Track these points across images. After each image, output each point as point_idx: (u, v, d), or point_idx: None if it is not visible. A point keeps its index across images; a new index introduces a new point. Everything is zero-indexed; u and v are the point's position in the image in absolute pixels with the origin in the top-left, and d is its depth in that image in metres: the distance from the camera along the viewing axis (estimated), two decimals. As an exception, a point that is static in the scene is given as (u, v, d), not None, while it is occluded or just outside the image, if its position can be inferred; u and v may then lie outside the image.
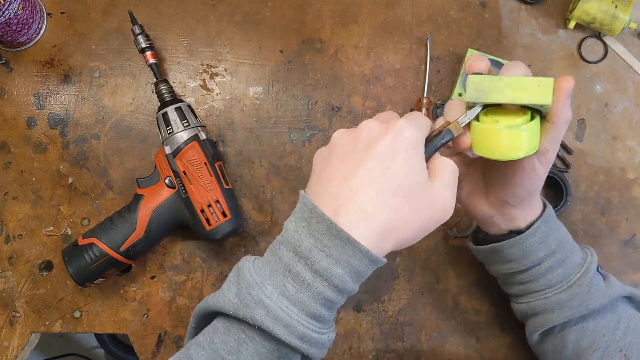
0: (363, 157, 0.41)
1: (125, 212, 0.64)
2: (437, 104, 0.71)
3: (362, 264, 0.40)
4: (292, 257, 0.41)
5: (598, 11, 0.68)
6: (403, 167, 0.41)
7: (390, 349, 0.68)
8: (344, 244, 0.40)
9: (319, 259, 0.40)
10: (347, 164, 0.42)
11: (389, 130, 0.42)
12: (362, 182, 0.41)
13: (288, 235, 0.42)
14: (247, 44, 0.74)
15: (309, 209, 0.41)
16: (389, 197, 0.40)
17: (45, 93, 0.73)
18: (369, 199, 0.40)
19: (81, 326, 0.69)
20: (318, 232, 0.40)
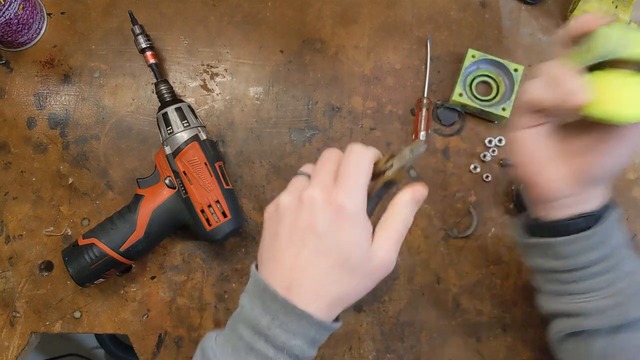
0: (307, 236, 0.43)
1: (125, 212, 0.64)
2: (437, 104, 0.71)
3: (317, 333, 0.44)
4: (251, 334, 0.43)
5: (598, 11, 0.68)
6: (346, 244, 0.43)
7: (390, 349, 0.68)
8: (298, 318, 0.42)
9: (277, 335, 0.42)
10: (294, 242, 0.44)
11: (330, 207, 0.43)
12: (309, 261, 0.43)
13: (245, 313, 0.45)
14: (247, 44, 0.74)
15: (262, 288, 0.44)
16: (335, 273, 0.43)
17: (45, 93, 0.73)
18: (318, 279, 0.43)
19: (81, 326, 0.69)
20: (273, 309, 0.43)
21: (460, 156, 0.71)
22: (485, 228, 0.69)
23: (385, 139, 0.71)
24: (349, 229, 0.43)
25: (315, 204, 0.43)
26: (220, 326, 0.68)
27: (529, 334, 0.68)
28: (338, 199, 0.43)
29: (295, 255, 0.44)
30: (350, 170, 0.44)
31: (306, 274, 0.43)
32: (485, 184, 0.70)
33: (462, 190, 0.70)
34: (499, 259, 0.69)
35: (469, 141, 0.71)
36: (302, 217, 0.44)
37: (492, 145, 0.70)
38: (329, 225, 0.43)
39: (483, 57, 0.69)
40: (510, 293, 0.69)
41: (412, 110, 0.72)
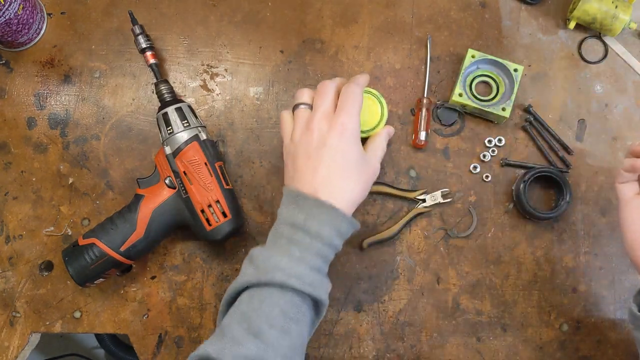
0: (322, 152, 0.55)
1: (125, 212, 0.64)
2: (437, 104, 0.71)
3: (343, 224, 0.54)
4: (290, 230, 0.54)
5: (598, 11, 0.68)
6: (351, 153, 0.56)
7: (390, 349, 0.68)
8: (328, 210, 0.53)
9: (311, 225, 0.53)
10: (311, 159, 0.56)
11: (334, 127, 0.56)
12: (326, 171, 0.55)
13: (283, 216, 0.55)
14: (247, 44, 0.74)
15: (295, 194, 0.55)
16: (347, 177, 0.56)
17: (45, 93, 0.73)
18: (335, 183, 0.55)
19: (81, 326, 0.69)
20: (306, 206, 0.54)
21: (460, 156, 0.71)
22: (485, 228, 0.70)
23: (385, 139, 0.71)
24: (351, 143, 0.56)
25: (323, 128, 0.56)
26: (220, 326, 0.68)
27: (529, 334, 0.68)
28: (340, 121, 0.56)
29: (314, 169, 0.55)
30: (348, 100, 0.57)
31: (326, 180, 0.55)
32: (485, 184, 0.70)
33: (462, 190, 0.70)
34: (499, 259, 0.69)
35: (469, 141, 0.71)
36: (314, 140, 0.56)
37: (492, 145, 0.70)
38: (337, 141, 0.55)
39: (483, 57, 0.69)
40: (510, 293, 0.69)
41: (412, 110, 0.72)
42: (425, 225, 0.70)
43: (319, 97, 0.58)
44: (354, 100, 0.57)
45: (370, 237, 0.68)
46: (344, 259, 0.69)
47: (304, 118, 0.58)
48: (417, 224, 0.70)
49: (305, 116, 0.58)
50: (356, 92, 0.58)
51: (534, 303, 0.69)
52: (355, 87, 0.58)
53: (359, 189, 0.57)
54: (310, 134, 0.56)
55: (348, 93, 0.57)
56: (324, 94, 0.58)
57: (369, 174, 0.58)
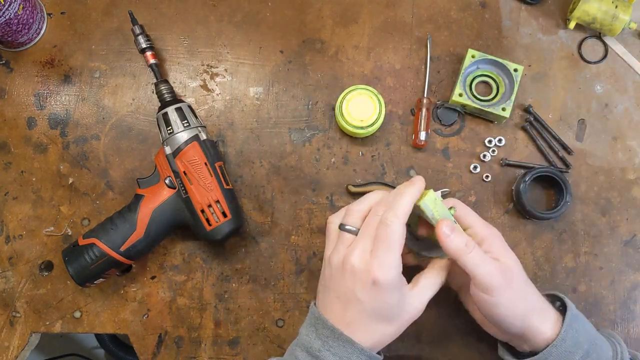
0: (350, 300, 0.52)
1: (125, 212, 0.64)
2: (437, 104, 0.71)
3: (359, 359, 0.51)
4: (305, 356, 0.52)
5: (598, 11, 0.69)
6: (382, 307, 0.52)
7: (391, 349, 0.68)
8: (344, 344, 0.51)
9: (326, 357, 0.51)
10: (341, 300, 0.53)
11: (367, 278, 0.51)
12: (353, 317, 0.52)
13: (301, 338, 0.54)
14: (247, 44, 0.74)
15: (316, 317, 0.54)
16: (375, 326, 0.52)
17: (45, 93, 0.73)
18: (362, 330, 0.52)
19: (81, 326, 0.69)
20: (324, 335, 0.52)
21: (460, 156, 0.71)
22: (485, 228, 0.69)
23: (385, 139, 0.71)
24: (384, 296, 0.51)
25: (355, 273, 0.52)
26: (220, 326, 0.68)
27: (529, 333, 0.68)
28: (374, 272, 0.51)
29: (342, 311, 0.53)
30: (383, 244, 0.51)
31: (350, 324, 0.52)
32: (485, 184, 0.70)
33: (462, 190, 0.70)
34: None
35: (469, 141, 0.71)
36: (345, 282, 0.52)
37: (492, 145, 0.70)
38: (366, 294, 0.51)
39: (483, 57, 0.69)
40: (510, 293, 0.69)
41: (412, 110, 0.72)
42: (425, 225, 0.70)
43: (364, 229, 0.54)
44: (390, 244, 0.51)
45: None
46: (344, 259, 0.69)
47: (344, 244, 0.54)
48: (417, 224, 0.70)
49: (346, 244, 0.54)
50: (394, 231, 0.51)
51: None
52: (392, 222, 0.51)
53: (391, 331, 0.53)
54: (342, 273, 0.53)
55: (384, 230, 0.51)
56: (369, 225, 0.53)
57: (403, 321, 0.54)
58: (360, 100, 0.67)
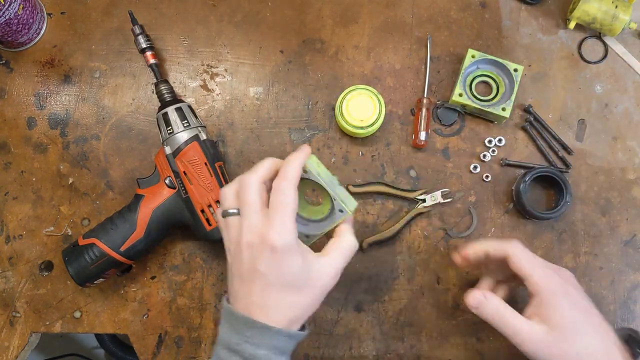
0: (253, 276, 0.50)
1: (125, 212, 0.64)
2: (437, 104, 0.71)
3: (280, 341, 0.50)
4: (226, 353, 0.50)
5: (598, 11, 0.68)
6: (287, 274, 0.50)
7: (390, 349, 0.68)
8: (260, 331, 0.49)
9: (245, 349, 0.49)
10: (244, 281, 0.51)
11: (264, 249, 0.49)
12: (260, 295, 0.50)
13: (220, 336, 0.52)
14: (247, 44, 0.74)
15: (228, 312, 0.52)
16: (285, 298, 0.50)
17: (45, 93, 0.73)
18: (271, 305, 0.50)
19: (81, 326, 0.69)
20: (239, 328, 0.50)
21: (460, 156, 0.71)
22: (485, 228, 0.69)
23: (385, 139, 0.71)
24: (285, 262, 0.49)
25: (252, 247, 0.50)
26: (220, 326, 0.68)
27: (529, 334, 0.68)
28: (269, 238, 0.49)
29: (248, 292, 0.51)
30: (277, 209, 0.50)
31: (260, 301, 0.50)
32: (485, 184, 0.70)
33: (462, 190, 0.70)
34: (499, 259, 0.69)
35: (469, 141, 0.71)
36: (244, 260, 0.51)
37: (492, 145, 0.70)
38: (267, 264, 0.49)
39: (483, 57, 0.69)
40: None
41: (412, 110, 0.72)
42: (425, 225, 0.70)
43: (242, 206, 0.51)
44: (283, 208, 0.50)
45: (370, 237, 0.68)
46: (344, 259, 0.69)
47: (234, 230, 0.52)
48: (417, 224, 0.70)
49: (235, 228, 0.52)
50: (286, 194, 0.50)
51: (534, 303, 0.68)
52: (285, 186, 0.50)
53: (304, 302, 0.51)
54: (239, 253, 0.51)
55: (277, 193, 0.50)
56: (246, 200, 0.51)
57: (314, 289, 0.52)
58: (360, 100, 0.67)
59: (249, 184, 0.51)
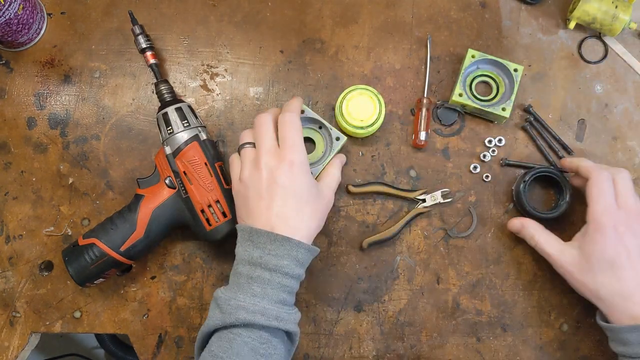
0: (273, 190, 0.56)
1: (125, 212, 0.64)
2: (437, 104, 0.71)
3: (299, 253, 0.55)
4: (248, 268, 0.55)
5: (598, 11, 0.69)
6: (302, 186, 0.57)
7: (390, 349, 0.68)
8: (282, 243, 0.54)
9: (268, 260, 0.54)
10: (264, 198, 0.57)
11: (282, 164, 0.57)
12: (279, 207, 0.56)
13: (240, 255, 0.56)
14: (247, 44, 0.74)
15: (248, 231, 0.56)
16: (300, 209, 0.57)
17: (45, 93, 0.73)
18: (290, 216, 0.56)
19: (81, 326, 0.69)
20: (261, 242, 0.55)
21: (460, 156, 0.71)
22: (485, 228, 0.70)
23: (385, 139, 0.71)
24: (301, 176, 0.57)
25: (270, 166, 0.57)
26: (220, 326, 0.68)
27: (529, 334, 0.68)
28: (287, 156, 0.57)
29: (267, 207, 0.56)
30: (289, 132, 0.58)
31: (280, 216, 0.56)
32: (485, 184, 0.70)
33: (462, 190, 0.70)
34: (499, 259, 0.69)
35: (469, 141, 0.71)
36: (263, 178, 0.57)
37: (492, 145, 0.70)
38: (286, 177, 0.56)
39: (483, 57, 0.69)
40: (510, 293, 0.69)
41: (412, 110, 0.72)
42: (425, 225, 0.70)
43: (258, 135, 0.59)
44: (294, 131, 0.58)
45: (370, 237, 0.68)
46: (344, 259, 0.69)
47: (250, 157, 0.59)
48: (417, 224, 0.70)
49: (252, 155, 0.59)
50: (293, 121, 0.59)
51: (534, 303, 0.69)
52: (290, 116, 0.59)
53: (315, 221, 0.58)
54: (258, 172, 0.57)
55: (285, 123, 0.59)
56: (262, 130, 0.59)
57: (322, 205, 0.60)
58: (360, 100, 0.67)
59: (263, 118, 0.59)
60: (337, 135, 0.67)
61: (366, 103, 0.67)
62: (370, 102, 0.67)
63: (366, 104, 0.67)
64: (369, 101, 0.67)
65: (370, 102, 0.67)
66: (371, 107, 0.67)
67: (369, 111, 0.67)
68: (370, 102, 0.67)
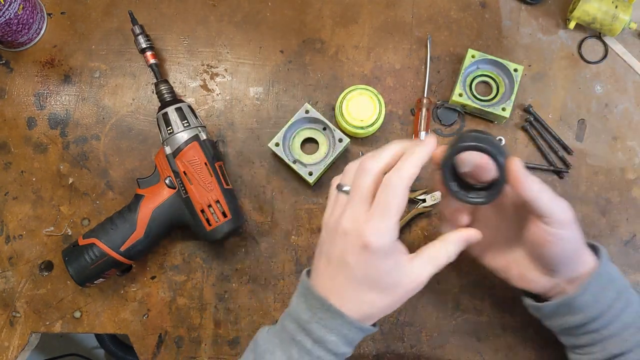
0: (340, 266, 0.49)
1: (125, 212, 0.64)
2: (437, 104, 0.71)
3: (351, 332, 0.49)
4: (294, 327, 0.50)
5: (598, 11, 0.69)
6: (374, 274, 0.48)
7: (390, 349, 0.68)
8: (334, 316, 0.48)
9: (315, 329, 0.48)
10: (331, 267, 0.50)
11: (359, 242, 0.47)
12: (342, 285, 0.49)
13: (291, 309, 0.51)
14: (247, 44, 0.74)
15: (306, 287, 0.50)
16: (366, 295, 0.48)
17: (45, 93, 0.73)
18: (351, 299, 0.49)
19: (81, 326, 0.69)
20: (313, 305, 0.49)
21: (460, 156, 0.71)
22: (485, 228, 0.69)
23: (385, 139, 0.71)
24: (375, 262, 0.47)
25: (346, 236, 0.48)
26: (220, 327, 0.68)
27: (529, 334, 0.68)
28: (366, 236, 0.47)
29: (331, 277, 0.49)
30: (383, 206, 0.47)
31: (341, 290, 0.49)
32: (485, 184, 0.70)
33: (462, 190, 0.70)
34: (499, 259, 0.69)
35: (469, 141, 0.71)
36: (336, 246, 0.49)
37: (492, 145, 0.70)
38: (356, 259, 0.47)
39: (483, 57, 0.69)
40: (510, 293, 0.69)
41: (412, 110, 0.72)
42: (425, 225, 0.70)
43: (353, 189, 0.49)
44: (389, 208, 0.47)
45: (370, 237, 0.68)
46: (344, 259, 0.69)
47: (339, 209, 0.50)
48: (417, 224, 0.70)
49: (340, 207, 0.50)
50: (397, 194, 0.47)
51: (534, 303, 0.68)
52: (397, 185, 0.47)
53: (384, 303, 0.49)
54: (335, 236, 0.49)
55: (385, 193, 0.47)
56: (358, 186, 0.49)
57: (401, 290, 0.49)
58: (360, 100, 0.67)
59: (368, 170, 0.48)
60: (340, 137, 0.66)
61: (366, 103, 0.67)
62: (370, 102, 0.67)
63: (366, 104, 0.67)
64: (369, 101, 0.67)
65: (370, 102, 0.67)
66: (371, 107, 0.67)
67: (369, 111, 0.67)
68: (370, 102, 0.67)
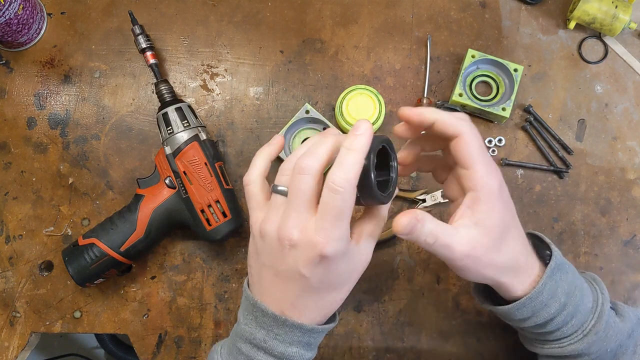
0: (292, 277, 0.44)
1: (125, 212, 0.64)
2: (437, 104, 0.71)
3: (312, 338, 0.47)
4: (249, 348, 0.46)
5: (598, 11, 0.69)
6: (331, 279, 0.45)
7: (390, 349, 0.68)
8: (292, 329, 0.45)
9: (274, 346, 0.45)
10: (281, 279, 0.45)
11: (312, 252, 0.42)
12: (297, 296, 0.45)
13: (241, 328, 0.48)
14: (247, 44, 0.74)
15: (252, 304, 0.47)
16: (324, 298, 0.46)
17: (45, 93, 0.73)
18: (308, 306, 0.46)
19: (81, 326, 0.69)
20: (266, 324, 0.46)
21: (460, 156, 0.71)
22: (485, 228, 0.69)
23: (385, 139, 0.71)
24: (333, 268, 0.44)
25: (298, 249, 0.43)
26: (220, 327, 0.68)
27: (529, 334, 0.68)
28: (321, 247, 0.42)
29: (283, 291, 0.45)
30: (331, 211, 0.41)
31: (296, 306, 0.46)
32: (485, 184, 0.70)
33: (462, 190, 0.70)
34: (499, 259, 0.69)
35: (469, 141, 0.71)
36: (286, 259, 0.44)
37: (492, 145, 0.70)
38: (313, 270, 0.43)
39: (483, 57, 0.69)
40: (510, 293, 0.69)
41: (412, 110, 0.72)
42: (425, 225, 0.70)
43: (292, 192, 0.43)
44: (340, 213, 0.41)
45: (370, 237, 0.68)
46: (344, 259, 0.69)
47: (276, 213, 0.44)
48: (417, 224, 0.70)
49: (278, 211, 0.44)
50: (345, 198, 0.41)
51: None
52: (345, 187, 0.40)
53: (341, 296, 0.47)
54: (280, 248, 0.44)
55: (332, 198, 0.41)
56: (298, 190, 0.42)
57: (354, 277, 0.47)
58: (360, 100, 0.67)
59: (307, 169, 0.42)
60: None
61: (366, 103, 0.67)
62: (370, 102, 0.67)
63: (366, 104, 0.67)
64: (369, 101, 0.67)
65: (370, 102, 0.67)
66: (371, 107, 0.67)
67: (369, 111, 0.67)
68: (370, 102, 0.67)
